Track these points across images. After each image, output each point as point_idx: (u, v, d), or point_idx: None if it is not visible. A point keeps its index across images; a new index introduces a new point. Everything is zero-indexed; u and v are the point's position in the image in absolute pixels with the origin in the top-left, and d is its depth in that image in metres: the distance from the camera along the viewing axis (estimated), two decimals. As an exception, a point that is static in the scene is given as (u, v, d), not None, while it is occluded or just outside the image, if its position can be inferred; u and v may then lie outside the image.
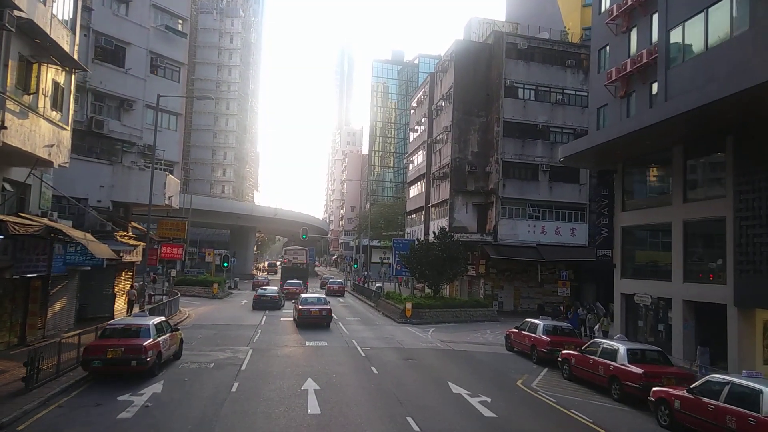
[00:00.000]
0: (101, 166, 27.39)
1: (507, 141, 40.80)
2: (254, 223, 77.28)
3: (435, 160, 46.84)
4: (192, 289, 44.63)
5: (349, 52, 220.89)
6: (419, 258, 34.98)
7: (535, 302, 42.18)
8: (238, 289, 55.36)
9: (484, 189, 42.05)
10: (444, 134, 44.35)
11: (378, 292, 42.83)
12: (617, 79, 25.14)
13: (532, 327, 21.27)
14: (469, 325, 31.83)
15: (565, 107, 42.11)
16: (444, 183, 43.76)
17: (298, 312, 28.04)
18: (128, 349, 14.61)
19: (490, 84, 42.59)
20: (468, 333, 27.93)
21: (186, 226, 31.29)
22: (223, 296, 44.48)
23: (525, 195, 40.89)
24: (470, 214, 42.22)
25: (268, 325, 27.62)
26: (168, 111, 32.60)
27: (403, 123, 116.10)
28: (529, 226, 40.85)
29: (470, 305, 34.89)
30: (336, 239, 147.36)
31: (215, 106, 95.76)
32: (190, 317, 30.40)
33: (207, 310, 34.86)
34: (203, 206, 67.02)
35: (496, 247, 39.69)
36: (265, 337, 23.46)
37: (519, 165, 41.24)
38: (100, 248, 18.22)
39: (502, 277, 41.78)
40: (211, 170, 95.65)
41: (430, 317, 31.67)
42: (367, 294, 47.61)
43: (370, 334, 25.70)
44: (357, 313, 35.81)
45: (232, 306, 38.10)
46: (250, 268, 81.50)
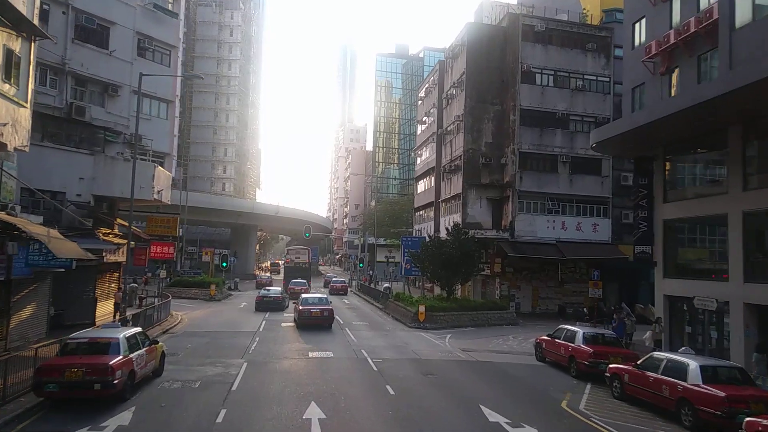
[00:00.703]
0: (81, 157, 24.70)
1: (524, 130, 37.99)
2: (255, 221, 74.64)
3: (446, 153, 44.06)
4: (188, 290, 42.01)
5: (351, 49, 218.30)
6: (431, 256, 32.23)
7: (555, 303, 39.44)
8: (238, 290, 52.73)
9: (499, 182, 39.24)
10: (455, 124, 41.55)
11: (386, 294, 40.10)
12: (657, 53, 22.32)
13: (569, 335, 18.49)
14: (487, 329, 29.10)
15: (585, 94, 39.25)
16: (456, 176, 40.97)
17: (298, 312, 26.67)
18: (91, 369, 11.92)
19: (504, 69, 39.75)
20: (489, 339, 25.18)
21: (177, 223, 28.60)
22: (221, 298, 41.82)
23: (543, 188, 38.06)
24: (484, 209, 39.42)
25: (268, 332, 24.91)
26: (157, 97, 29.99)
27: (408, 118, 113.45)
28: (548, 222, 38.02)
29: (487, 307, 32.12)
30: (340, 238, 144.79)
31: (215, 101, 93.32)
32: (183, 322, 27.74)
33: (202, 313, 32.21)
34: (202, 203, 64.47)
35: (513, 244, 36.89)
36: (262, 347, 20.75)
37: (537, 156, 38.40)
38: (65, 247, 15.53)
39: (519, 277, 38.98)
40: (212, 167, 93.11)
41: (444, 321, 28.93)
42: (373, 295, 44.91)
43: (380, 341, 22.96)
44: (364, 316, 33.09)
45: (229, 309, 35.42)
46: (251, 267, 78.85)
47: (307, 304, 27.01)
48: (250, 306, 37.48)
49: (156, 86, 29.73)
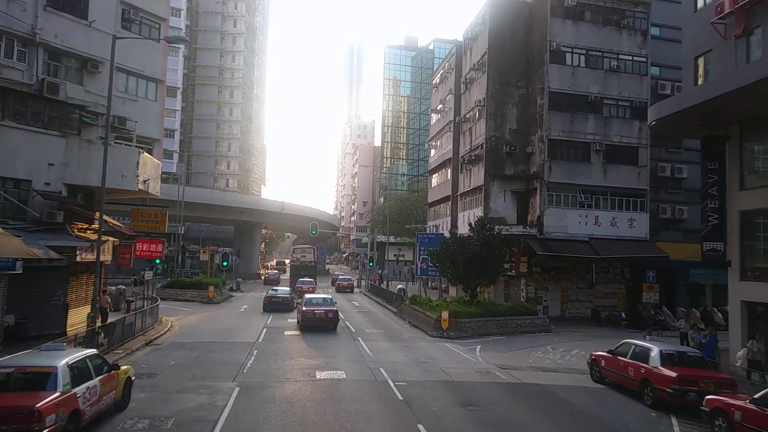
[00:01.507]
0: (51, 139, 21.29)
1: (553, 115, 34.30)
2: (260, 218, 71.22)
3: (464, 142, 40.44)
4: (185, 292, 38.64)
5: (358, 44, 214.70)
6: (453, 255, 28.65)
7: (585, 306, 35.75)
8: (240, 291, 49.38)
9: (524, 173, 35.59)
10: (475, 110, 37.91)
11: (400, 296, 36.55)
12: (732, 12, 18.65)
13: (640, 352, 14.87)
14: (518, 338, 25.50)
15: (620, 75, 35.48)
16: (476, 167, 37.35)
17: (302, 314, 25.08)
18: (9, 414, 8.46)
19: (530, 49, 36.08)
20: (525, 351, 21.58)
21: (166, 218, 25.17)
22: (220, 300, 38.41)
23: (575, 179, 34.37)
24: (509, 203, 35.79)
25: (268, 342, 21.42)
26: (144, 75, 26.53)
27: (418, 113, 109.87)
28: (580, 217, 34.33)
29: (516, 312, 28.50)
30: (347, 236, 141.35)
31: (218, 94, 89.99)
32: (172, 330, 24.32)
33: (197, 319, 28.81)
34: (203, 199, 61.22)
35: (542, 242, 33.24)
36: (260, 364, 17.26)
37: (567, 144, 34.71)
38: (2, 244, 12.06)
39: (546, 277, 35.32)
40: (215, 163, 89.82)
41: (470, 329, 25.36)
42: (386, 296, 41.38)
43: (400, 355, 19.40)
44: (378, 322, 29.54)
45: (228, 313, 31.99)
46: (255, 267, 75.50)
47: (311, 305, 25.29)
48: (252, 309, 34.12)
49: (143, 63, 26.35)
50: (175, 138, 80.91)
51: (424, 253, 35.21)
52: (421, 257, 35.79)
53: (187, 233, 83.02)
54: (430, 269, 34.88)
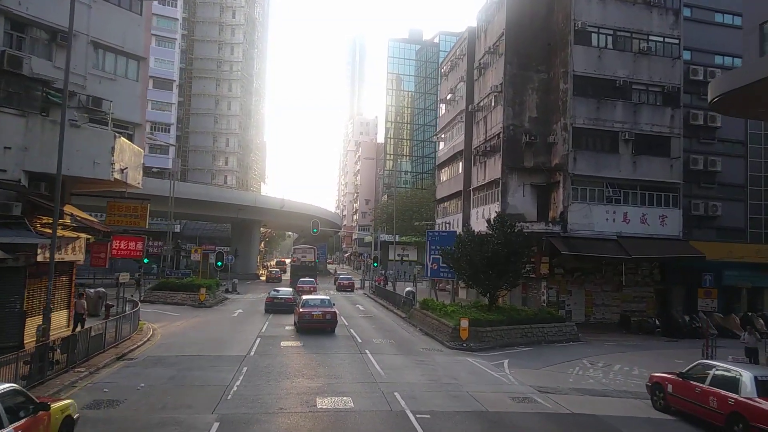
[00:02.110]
0: (7, 118, 18.25)
1: (578, 101, 31.23)
2: (258, 216, 68.17)
3: (478, 132, 37.36)
4: (174, 294, 35.60)
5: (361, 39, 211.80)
6: (470, 255, 25.59)
7: (612, 311, 32.69)
8: (237, 293, 46.33)
9: (545, 165, 32.53)
10: (491, 96, 34.85)
11: (409, 300, 33.49)
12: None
13: (725, 378, 11.82)
14: (546, 349, 22.48)
15: (650, 58, 32.38)
16: (492, 159, 34.29)
17: (298, 315, 24.15)
18: None
19: (552, 29, 33.01)
20: (560, 367, 18.54)
21: (147, 212, 22.10)
22: (213, 303, 35.37)
23: (601, 172, 31.31)
24: (528, 198, 32.74)
25: (261, 356, 18.37)
26: (124, 52, 23.47)
27: (423, 108, 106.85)
28: (608, 213, 31.26)
29: (541, 319, 25.43)
30: (349, 235, 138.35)
31: (216, 87, 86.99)
32: (153, 340, 21.32)
33: (184, 325, 25.79)
34: (198, 195, 58.25)
35: (566, 240, 30.19)
36: (249, 386, 14.22)
37: (593, 132, 31.65)
38: None
39: (569, 280, 32.25)
40: (212, 159, 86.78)
41: (492, 338, 22.30)
42: (392, 300, 38.33)
43: (417, 374, 16.33)
44: (386, 330, 26.47)
45: (220, 318, 28.96)
46: (254, 266, 72.51)
47: (308, 306, 24.41)
48: (247, 313, 31.14)
49: (123, 38, 23.32)
50: (171, 132, 77.99)
51: (435, 252, 32.20)
52: (432, 257, 32.77)
53: (183, 231, 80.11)
54: (442, 270, 31.91)
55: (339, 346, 20.39)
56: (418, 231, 66.94)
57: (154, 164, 71.99)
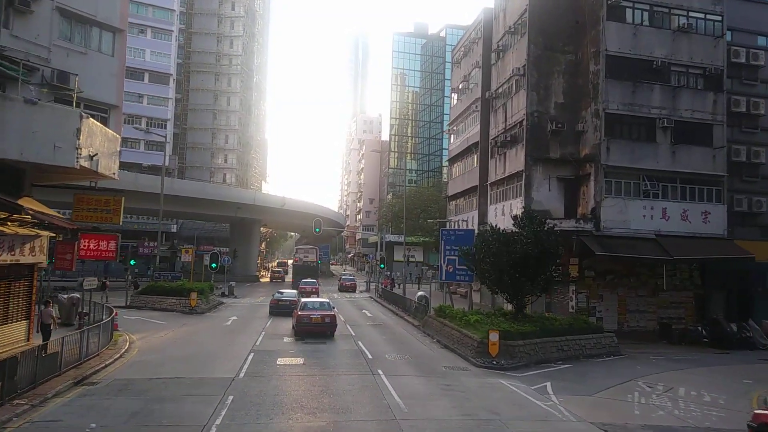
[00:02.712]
0: (-57, 91, 15.11)
1: (611, 85, 27.95)
2: (258, 215, 64.98)
3: (496, 121, 34.08)
4: (163, 299, 32.39)
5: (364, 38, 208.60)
6: (495, 256, 22.32)
7: (647, 319, 29.38)
8: (234, 297, 43.18)
9: (574, 156, 29.26)
10: (512, 81, 31.58)
11: (423, 306, 30.23)
12: None
13: None
14: (587, 366, 19.24)
15: (690, 37, 29.08)
16: (514, 150, 31.02)
17: (297, 318, 23.25)
18: None
19: (581, 5, 29.73)
20: (614, 392, 15.27)
21: (122, 206, 18.87)
22: (205, 309, 32.17)
23: (637, 163, 28.02)
24: (554, 193, 29.45)
25: (252, 379, 15.12)
26: (97, 21, 20.40)
27: (428, 104, 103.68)
28: (645, 209, 27.98)
29: (578, 330, 22.13)
30: (352, 235, 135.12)
31: (215, 82, 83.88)
32: (128, 355, 18.15)
33: (168, 336, 22.58)
34: (194, 193, 55.07)
35: (600, 240, 26.92)
36: (233, 428, 10.98)
37: (628, 119, 28.37)
38: None
39: (601, 283, 28.93)
40: (211, 156, 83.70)
41: (524, 353, 19.04)
42: (401, 304, 35.12)
43: (447, 407, 13.00)
44: (400, 342, 23.20)
45: (211, 327, 25.76)
46: (253, 268, 69.30)
47: (306, 309, 23.65)
48: (242, 321, 27.95)
49: (96, 5, 20.28)
50: (168, 128, 74.89)
51: (451, 253, 28.90)
52: (447, 258, 29.43)
53: (180, 232, 76.99)
54: (459, 273, 28.58)
55: (346, 365, 17.16)
56: (426, 230, 63.69)
57: (150, 161, 69.06)
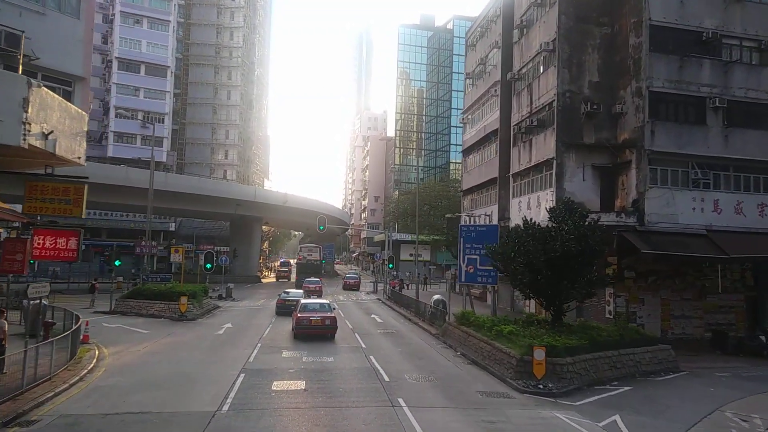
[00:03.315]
0: None
1: (656, 59, 24.52)
2: (259, 212, 61.75)
3: (519, 105, 30.67)
4: (150, 304, 29.11)
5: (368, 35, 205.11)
6: (530, 254, 18.93)
7: (694, 325, 25.90)
8: (231, 299, 39.93)
9: (610, 141, 25.86)
10: (539, 58, 28.19)
11: (440, 311, 26.85)
12: None
13: None
14: (650, 387, 15.84)
15: (744, 6, 25.60)
16: (542, 136, 27.63)
17: (296, 320, 22.68)
18: None
19: (618, -29, 26.35)
20: (702, 428, 11.87)
21: (84, 196, 15.58)
22: (197, 314, 28.89)
23: (685, 148, 24.59)
24: (589, 183, 26.04)
25: (239, 414, 11.81)
26: (56, -24, 17.09)
27: (435, 98, 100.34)
28: (694, 200, 24.54)
29: (629, 342, 18.73)
30: (357, 234, 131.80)
31: (215, 75, 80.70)
32: (92, 376, 14.87)
33: (148, 349, 19.30)
34: (190, 189, 51.82)
35: (644, 236, 23.51)
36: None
37: (674, 99, 24.92)
38: None
39: (642, 285, 25.46)
40: (211, 152, 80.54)
41: (574, 374, 15.64)
42: (414, 309, 31.81)
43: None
44: (418, 356, 19.80)
45: (199, 338, 22.46)
46: (254, 268, 66.03)
47: (306, 310, 22.89)
48: (237, 330, 24.68)
49: (56, -40, 17.04)
50: (165, 123, 71.91)
51: (471, 251, 25.54)
52: (466, 258, 26.04)
53: (179, 230, 73.78)
54: (481, 274, 25.22)
55: (358, 391, 13.81)
56: (436, 228, 60.10)
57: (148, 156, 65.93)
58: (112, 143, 68.54)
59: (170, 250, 65.34)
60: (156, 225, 69.76)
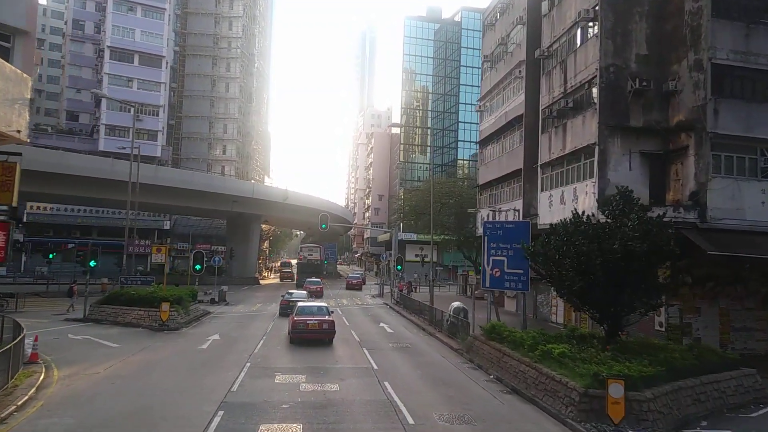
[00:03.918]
0: None
1: (718, 26, 20.82)
2: (257, 209, 58.15)
3: (551, 85, 26.91)
4: (128, 311, 25.42)
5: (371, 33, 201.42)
6: (581, 257, 15.20)
7: (757, 338, 22.21)
8: (225, 303, 36.36)
9: (662, 124, 22.16)
10: (577, 30, 24.47)
11: (461, 321, 23.10)
12: None
13: None
14: (747, 427, 12.11)
15: (820, -35, 21.95)
16: (579, 118, 23.91)
17: (291, 324, 21.37)
18: None
19: (671, -75, 22.63)
20: None
21: (16, 175, 11.95)
22: (182, 323, 25.25)
23: (754, 131, 20.86)
24: (637, 172, 22.29)
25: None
26: None
27: (442, 93, 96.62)
28: (764, 193, 20.84)
29: (708, 367, 14.98)
30: (360, 234, 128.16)
31: (213, 66, 77.16)
32: (18, 417, 11.21)
33: (111, 372, 15.63)
34: (181, 183, 48.20)
35: (707, 234, 19.80)
36: None
37: (741, 73, 21.21)
38: None
39: (698, 293, 21.75)
40: (208, 147, 76.98)
41: (656, 413, 11.88)
42: (427, 316, 28.17)
43: None
44: (442, 380, 16.06)
45: (178, 354, 18.79)
46: (252, 269, 62.42)
47: (303, 314, 21.79)
48: (224, 343, 21.04)
49: None
50: (160, 116, 68.41)
51: (497, 252, 21.86)
52: (492, 259, 22.32)
53: (174, 229, 70.17)
54: (510, 278, 21.51)
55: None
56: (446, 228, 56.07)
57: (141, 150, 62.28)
58: (104, 137, 65.06)
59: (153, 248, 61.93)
60: (149, 223, 66.24)
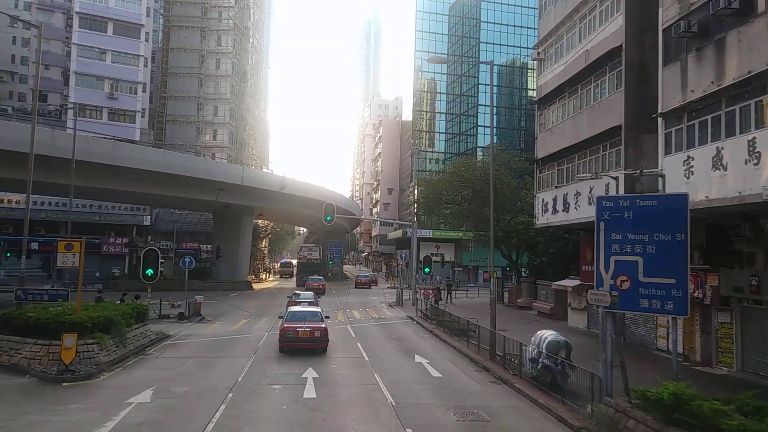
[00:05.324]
0: None
1: None
2: (249, 200, 48.63)
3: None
4: (19, 346, 15.88)
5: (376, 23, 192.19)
6: None
7: None
8: (199, 319, 27.02)
9: None
10: None
11: (559, 364, 13.58)
12: None
13: None
14: None
15: None
16: (748, 27, 14.35)
17: (281, 332, 19.39)
18: None
19: None
20: None
21: None
22: (103, 365, 15.77)
23: None
24: None
25: None
26: None
27: (459, 74, 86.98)
28: None
29: None
30: (367, 232, 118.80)
31: (201, 40, 67.84)
32: None
33: None
34: (145, 164, 38.38)
35: None
36: None
37: None
38: None
39: None
40: (197, 131, 67.59)
41: None
42: (486, 345, 18.67)
43: None
44: None
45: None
46: (243, 271, 52.68)
47: (293, 320, 19.56)
48: (160, 407, 11.47)
49: None
50: (139, 94, 59.20)
51: (624, 247, 12.62)
52: (614, 260, 12.89)
53: (156, 224, 60.59)
54: (650, 294, 12.17)
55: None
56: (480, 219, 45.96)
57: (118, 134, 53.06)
58: (73, 118, 55.71)
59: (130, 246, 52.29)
60: (126, 218, 56.98)
